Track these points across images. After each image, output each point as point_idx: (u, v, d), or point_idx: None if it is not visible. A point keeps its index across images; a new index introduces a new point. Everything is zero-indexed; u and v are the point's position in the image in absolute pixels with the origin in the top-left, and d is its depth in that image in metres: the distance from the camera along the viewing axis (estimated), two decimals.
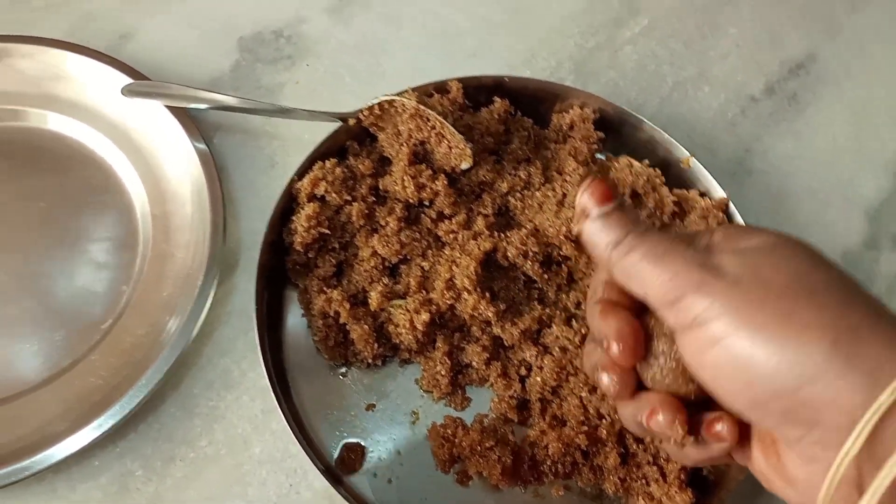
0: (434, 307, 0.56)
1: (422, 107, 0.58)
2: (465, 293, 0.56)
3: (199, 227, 0.59)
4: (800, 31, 0.81)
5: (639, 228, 0.38)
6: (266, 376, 0.53)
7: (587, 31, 0.76)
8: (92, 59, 0.65)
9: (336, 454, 0.56)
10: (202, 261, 0.58)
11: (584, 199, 0.40)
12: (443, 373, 0.57)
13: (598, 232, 0.39)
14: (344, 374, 0.59)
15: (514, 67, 0.73)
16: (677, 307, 0.35)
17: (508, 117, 0.64)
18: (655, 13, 0.79)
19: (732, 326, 0.33)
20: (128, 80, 0.63)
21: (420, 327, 0.55)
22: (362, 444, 0.56)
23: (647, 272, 0.36)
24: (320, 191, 0.58)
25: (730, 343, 0.33)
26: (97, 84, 0.65)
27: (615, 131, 0.66)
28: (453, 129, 0.58)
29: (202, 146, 0.62)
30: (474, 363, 0.58)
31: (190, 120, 0.63)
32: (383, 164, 0.62)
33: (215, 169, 0.61)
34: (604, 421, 0.55)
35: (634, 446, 0.55)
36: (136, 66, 0.64)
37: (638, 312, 0.40)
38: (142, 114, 0.64)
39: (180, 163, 0.62)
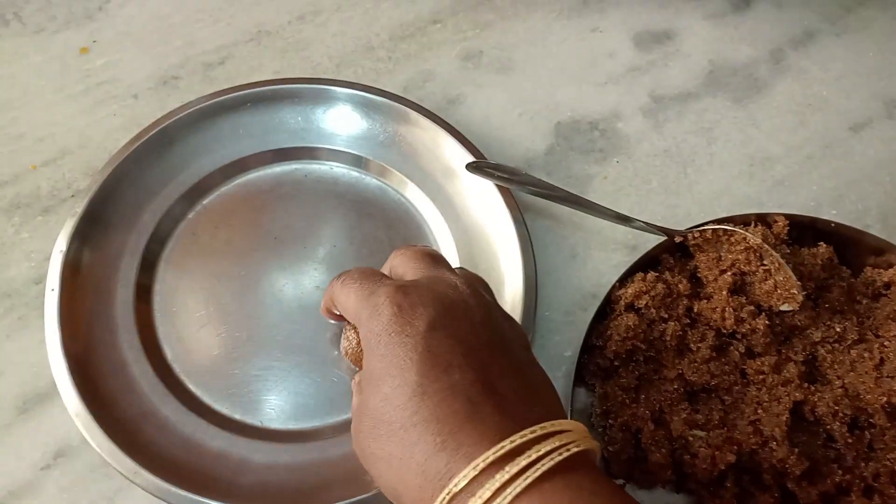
0: (736, 447, 0.55)
1: (765, 246, 0.58)
2: (774, 442, 0.55)
3: (510, 310, 0.60)
4: None
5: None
6: None
7: None
8: (442, 130, 0.68)
9: None
10: None
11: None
12: None
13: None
14: (622, 486, 0.58)
15: (821, 205, 0.72)
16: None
17: (830, 264, 0.63)
18: None
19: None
20: (467, 155, 0.66)
21: (722, 466, 0.54)
22: None
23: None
24: (641, 303, 0.59)
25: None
26: (440, 151, 0.68)
27: None
28: (790, 272, 0.57)
29: (524, 231, 0.63)
30: None
31: (517, 205, 0.64)
32: (693, 283, 0.62)
33: (533, 258, 0.62)
34: None
35: None
36: (460, 129, 0.67)
37: None
38: (473, 187, 0.66)
39: (500, 239, 0.64)
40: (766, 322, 0.58)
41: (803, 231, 0.64)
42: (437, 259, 0.49)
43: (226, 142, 0.68)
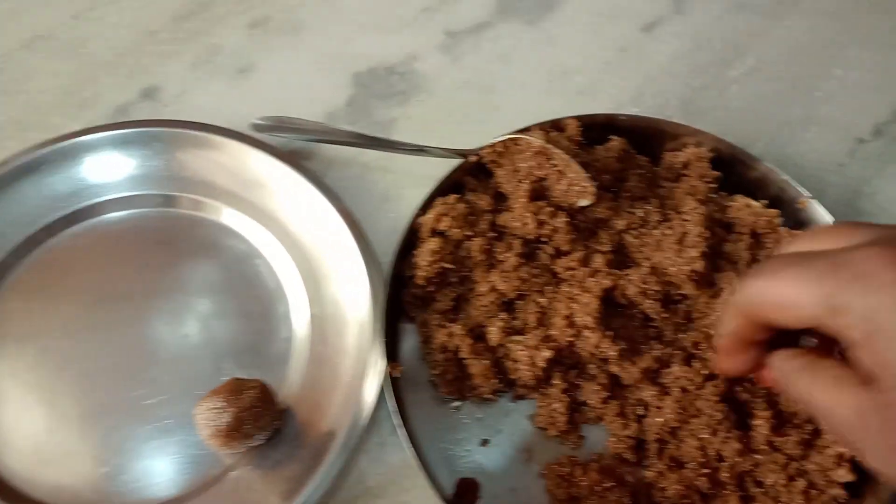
0: (554, 344, 0.56)
1: (548, 146, 0.59)
2: (587, 331, 0.56)
3: (358, 335, 0.59)
4: None
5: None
6: (390, 410, 0.54)
7: (694, 71, 0.77)
8: (267, 156, 0.65)
9: (451, 490, 0.56)
10: (363, 369, 0.57)
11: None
12: (560, 410, 0.57)
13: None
14: (458, 408, 0.59)
15: (622, 105, 0.73)
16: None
17: (625, 155, 0.65)
18: (761, 54, 0.79)
19: None
20: (295, 175, 0.64)
21: (540, 364, 0.55)
22: (477, 480, 0.56)
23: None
24: (443, 226, 0.59)
25: None
26: (271, 181, 0.65)
27: (726, 168, 0.65)
28: (578, 168, 0.59)
29: (368, 248, 0.62)
30: (590, 401, 0.57)
31: (357, 224, 0.63)
32: (498, 199, 0.63)
33: (376, 269, 0.61)
34: (724, 464, 0.54)
35: (755, 489, 0.54)
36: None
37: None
38: (306, 210, 0.64)
39: (343, 266, 0.62)
40: (566, 220, 0.59)
41: (604, 132, 0.66)
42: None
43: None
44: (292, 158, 0.65)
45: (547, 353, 0.55)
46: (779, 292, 0.33)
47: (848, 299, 0.30)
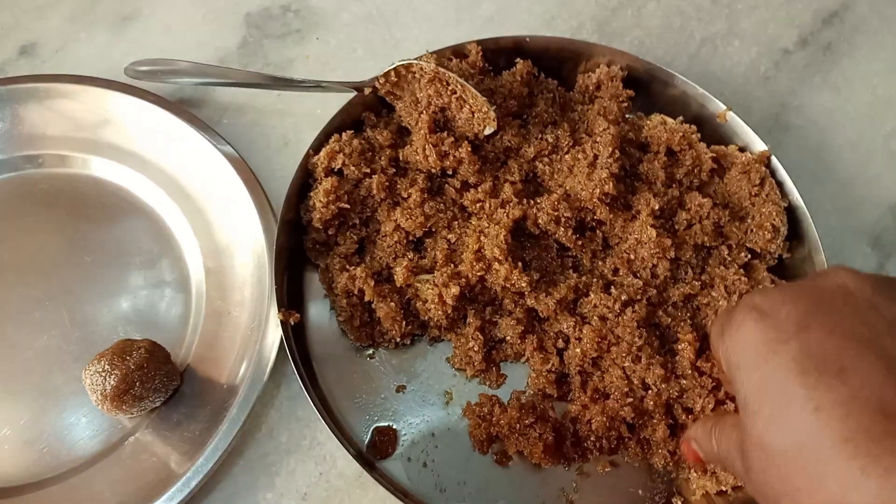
0: (463, 280, 0.53)
1: (441, 69, 0.55)
2: (496, 264, 0.53)
3: (257, 285, 0.56)
4: None
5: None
6: (291, 362, 0.51)
7: None
8: (137, 99, 0.61)
9: (367, 439, 0.53)
10: (261, 321, 0.54)
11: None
12: (475, 349, 0.54)
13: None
14: (371, 356, 0.56)
15: (534, 30, 0.70)
16: None
17: (532, 79, 0.61)
18: None
19: None
20: (178, 122, 0.60)
21: (450, 301, 0.52)
22: (394, 427, 0.53)
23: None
24: (338, 164, 0.55)
25: None
26: (144, 126, 0.61)
27: (644, 89, 0.62)
28: (475, 92, 0.55)
29: (261, 196, 0.58)
30: (508, 338, 0.55)
31: (248, 169, 0.59)
32: (402, 134, 0.60)
33: (273, 217, 0.57)
34: (650, 392, 0.52)
35: (684, 416, 0.52)
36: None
37: None
38: (193, 159, 0.60)
39: (236, 214, 0.58)
40: (469, 150, 0.56)
41: (513, 58, 0.62)
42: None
43: None
44: (175, 106, 0.60)
45: (455, 290, 0.52)
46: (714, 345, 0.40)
47: (722, 346, 0.36)
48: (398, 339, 0.55)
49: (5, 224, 0.59)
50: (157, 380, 0.50)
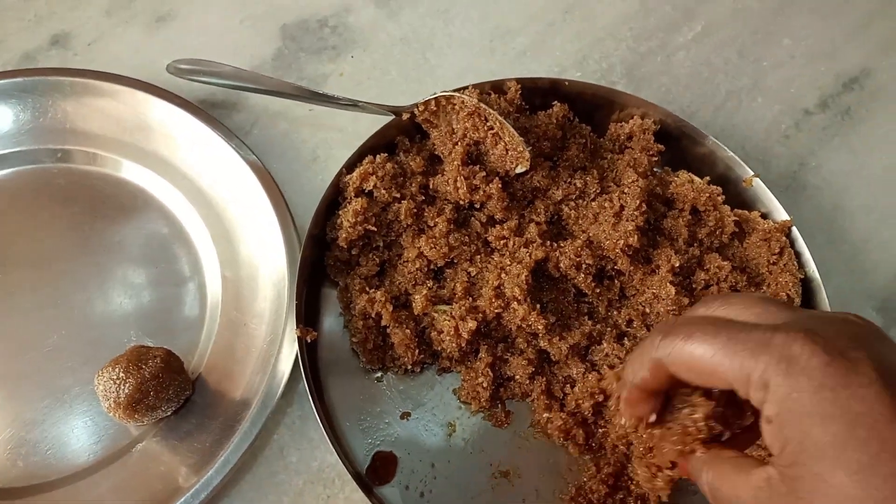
0: (481, 315, 0.54)
1: (483, 105, 0.55)
2: (515, 303, 0.53)
3: (276, 299, 0.56)
4: (854, 45, 0.78)
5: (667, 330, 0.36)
6: (304, 379, 0.51)
7: (640, 35, 0.74)
8: (168, 103, 0.60)
9: (367, 463, 0.53)
10: (277, 335, 0.54)
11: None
12: (484, 385, 0.54)
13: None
14: (379, 379, 0.56)
15: (565, 69, 0.70)
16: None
17: (566, 123, 0.62)
18: (710, 19, 0.76)
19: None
20: (204, 128, 0.60)
21: (465, 335, 0.53)
22: (395, 454, 0.54)
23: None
24: (369, 185, 0.56)
25: None
26: (169, 130, 0.61)
27: (674, 143, 0.63)
28: (513, 131, 0.56)
29: (284, 209, 0.58)
30: (517, 377, 0.55)
31: (272, 181, 0.59)
32: (433, 162, 0.60)
33: (295, 230, 0.57)
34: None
35: None
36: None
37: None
38: (217, 166, 0.60)
39: (257, 225, 0.58)
40: (499, 186, 0.56)
41: (547, 97, 0.63)
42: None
43: None
44: (202, 112, 0.60)
45: (472, 325, 0.52)
46: (702, 358, 0.33)
47: (770, 378, 0.31)
48: (409, 366, 0.55)
49: (21, 217, 0.59)
50: (171, 390, 0.50)
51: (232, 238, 0.59)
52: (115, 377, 0.48)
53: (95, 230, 0.59)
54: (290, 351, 0.53)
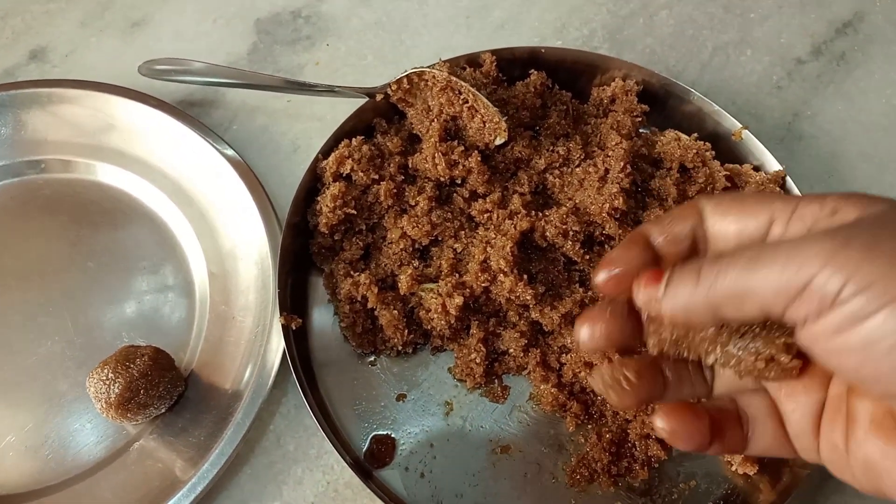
0: (468, 290, 0.53)
1: (454, 78, 0.55)
2: (502, 275, 0.52)
3: (261, 290, 0.55)
4: None
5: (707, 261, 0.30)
6: (291, 365, 0.51)
7: None
8: (142, 104, 0.61)
9: (365, 447, 0.53)
10: (265, 326, 0.54)
11: (641, 295, 0.33)
12: (477, 361, 0.54)
13: (676, 298, 0.31)
14: (373, 363, 0.56)
15: (545, 39, 0.69)
16: (801, 297, 0.28)
17: (545, 91, 0.61)
18: None
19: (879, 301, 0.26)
20: (181, 126, 0.60)
21: (453, 312, 0.52)
22: (393, 436, 0.53)
23: (753, 279, 0.29)
24: (346, 169, 0.55)
25: (879, 320, 0.26)
26: (147, 131, 0.61)
27: (660, 104, 0.62)
28: (487, 102, 0.55)
29: (264, 200, 0.58)
30: (511, 350, 0.54)
31: (252, 173, 0.59)
32: (412, 142, 0.59)
33: (277, 221, 0.57)
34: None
35: None
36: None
37: None
38: (196, 163, 0.60)
39: (240, 219, 0.58)
40: (479, 159, 0.55)
41: (528, 68, 0.62)
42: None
43: None
44: (178, 111, 0.60)
45: (459, 300, 0.52)
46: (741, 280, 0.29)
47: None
48: (400, 348, 0.54)
49: (8, 230, 0.59)
50: (162, 387, 0.50)
51: (216, 233, 0.59)
52: (104, 378, 0.48)
53: (82, 237, 0.59)
54: (278, 341, 0.53)
